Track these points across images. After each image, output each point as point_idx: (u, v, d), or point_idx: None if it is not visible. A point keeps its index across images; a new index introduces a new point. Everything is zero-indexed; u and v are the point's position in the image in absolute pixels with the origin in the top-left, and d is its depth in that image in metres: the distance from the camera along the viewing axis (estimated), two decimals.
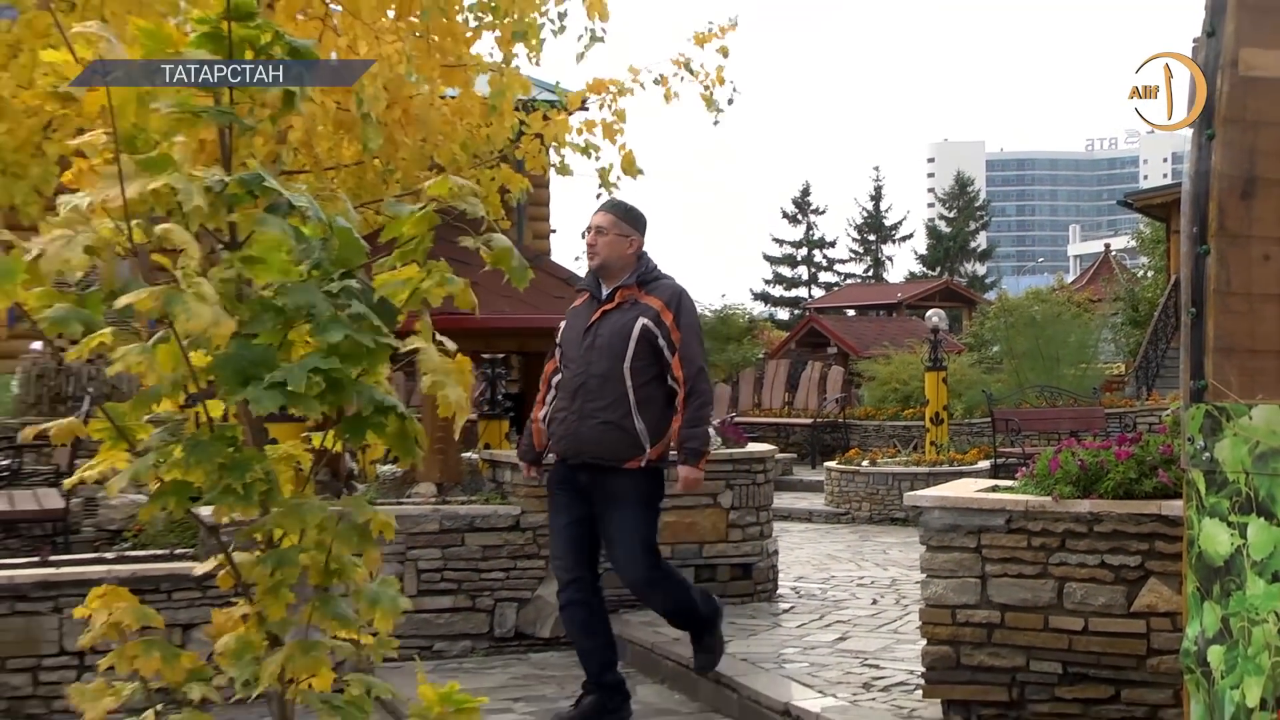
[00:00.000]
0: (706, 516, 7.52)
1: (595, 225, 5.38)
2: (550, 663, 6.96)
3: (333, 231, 2.11)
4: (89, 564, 6.78)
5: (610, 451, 5.19)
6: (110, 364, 1.94)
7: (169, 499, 2.11)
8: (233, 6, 2.01)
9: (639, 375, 5.18)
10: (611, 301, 5.34)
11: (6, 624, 6.02)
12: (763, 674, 5.98)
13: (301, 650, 2.16)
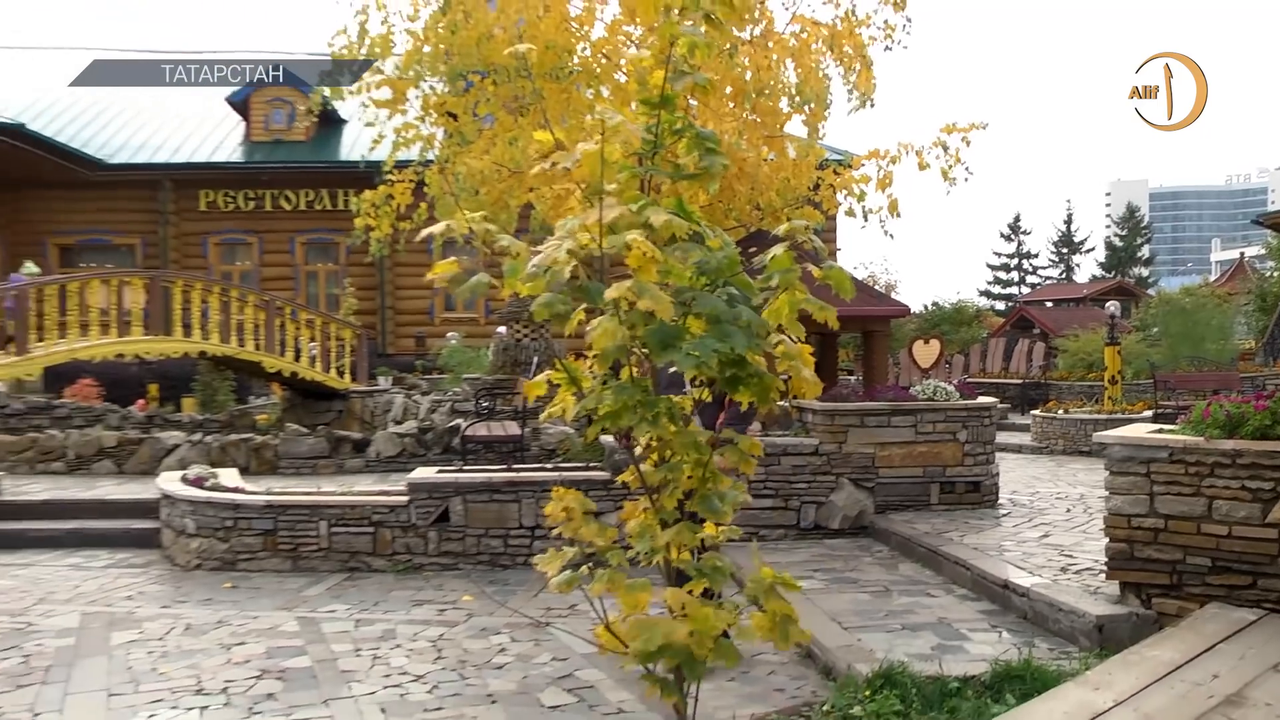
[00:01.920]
0: (948, 448, 10.06)
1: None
2: (838, 546, 9.40)
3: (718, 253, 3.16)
4: (537, 470, 10.02)
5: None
6: (549, 335, 3.10)
7: (602, 425, 3.19)
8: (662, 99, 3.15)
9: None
10: None
11: (486, 508, 9.25)
12: (988, 558, 7.91)
13: (684, 531, 3.25)
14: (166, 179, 31.92)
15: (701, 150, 3.18)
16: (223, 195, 31.87)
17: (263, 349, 19.66)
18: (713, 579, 3.23)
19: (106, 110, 35.12)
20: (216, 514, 9.40)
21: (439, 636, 6.99)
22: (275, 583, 8.79)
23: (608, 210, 3.02)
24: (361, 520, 9.20)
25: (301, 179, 31.66)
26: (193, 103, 35.09)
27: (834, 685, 5.56)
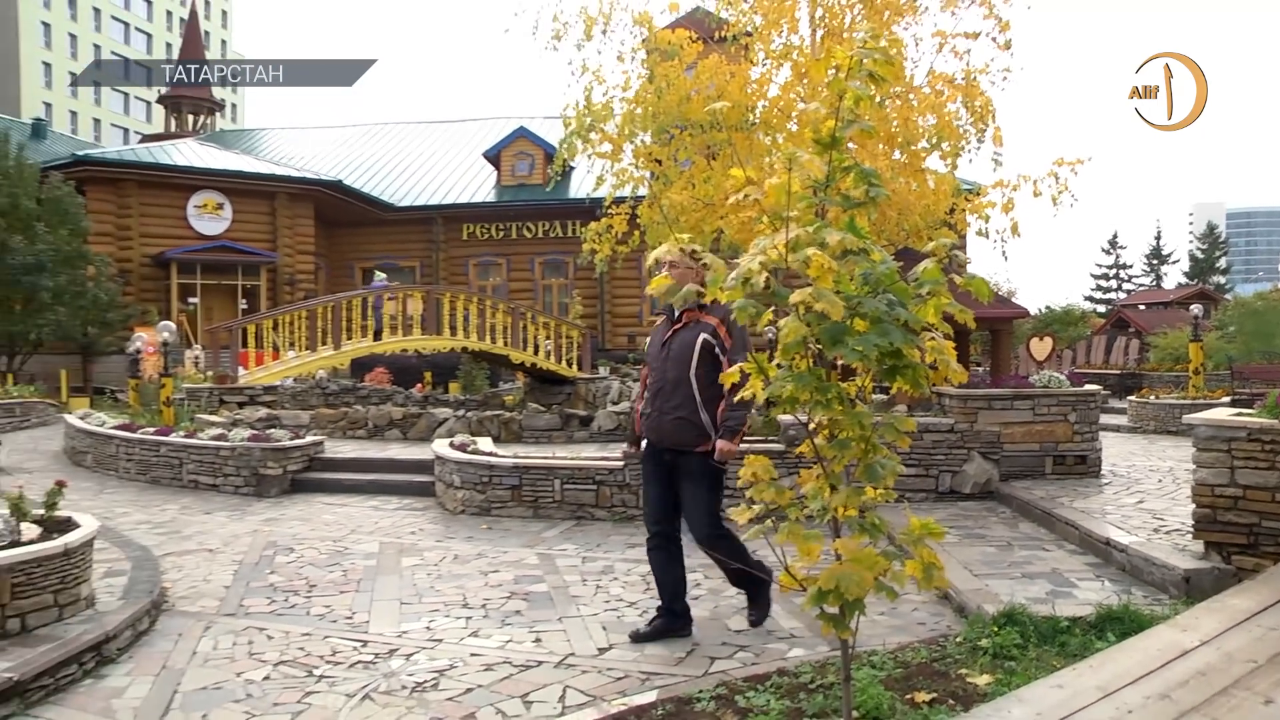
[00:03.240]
0: (1060, 427, 9.63)
1: (669, 262, 5.07)
2: (969, 508, 8.88)
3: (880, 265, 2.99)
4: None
5: (684, 439, 5.20)
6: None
7: (784, 407, 3.09)
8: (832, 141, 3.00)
9: (703, 379, 5.14)
10: (680, 322, 5.34)
11: None
12: (1093, 519, 7.46)
13: (849, 494, 3.10)
14: (438, 216, 33.15)
15: (866, 183, 3.06)
16: (480, 227, 32.88)
17: (510, 345, 19.99)
18: (872, 533, 3.09)
19: (395, 166, 36.55)
20: (476, 472, 9.53)
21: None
22: (520, 526, 8.86)
23: (792, 231, 2.95)
24: (587, 479, 9.20)
25: (539, 213, 32.41)
26: (457, 158, 36.32)
27: (966, 621, 5.34)
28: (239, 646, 5.38)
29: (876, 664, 4.54)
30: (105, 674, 4.95)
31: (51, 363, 24.58)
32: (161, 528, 8.91)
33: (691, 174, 12.43)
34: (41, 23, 75.72)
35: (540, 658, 5.06)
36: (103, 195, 27.43)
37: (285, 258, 29.72)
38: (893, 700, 3.97)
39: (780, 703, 4.08)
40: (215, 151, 32.02)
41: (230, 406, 15.21)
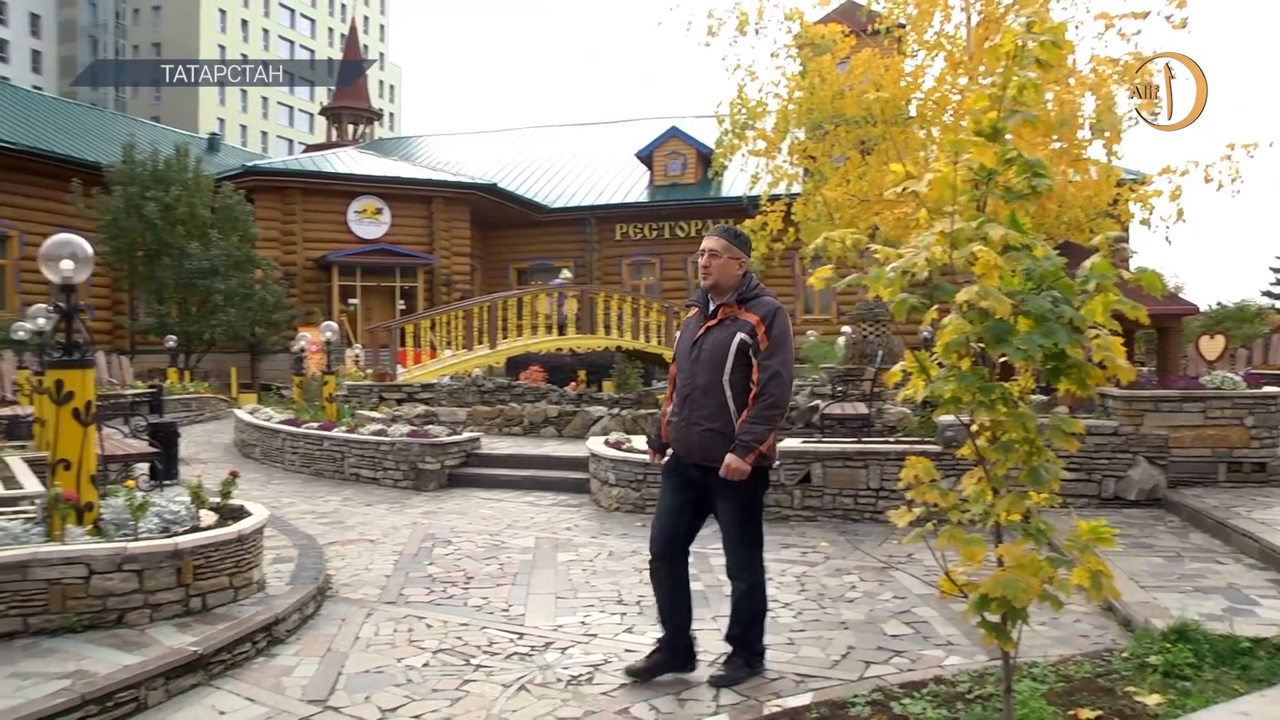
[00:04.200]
0: (1235, 431, 9.01)
1: (709, 249, 4.64)
2: (1134, 516, 8.40)
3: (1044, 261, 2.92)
4: (880, 443, 9.60)
5: (715, 455, 4.50)
6: (890, 332, 2.95)
7: (947, 407, 3.04)
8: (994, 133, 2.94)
9: (737, 386, 4.53)
10: (715, 318, 4.66)
11: (840, 472, 8.93)
12: (1276, 532, 6.94)
13: (1013, 498, 3.03)
14: (592, 216, 33.72)
15: (1030, 175, 2.97)
16: (633, 227, 33.25)
17: (663, 344, 20.13)
18: (1036, 539, 3.01)
19: (548, 168, 37.31)
20: (630, 470, 9.60)
21: (802, 574, 6.88)
22: None
23: (954, 225, 2.90)
24: None
25: (692, 212, 32.63)
26: (609, 159, 36.81)
27: (1132, 636, 5.08)
28: (399, 633, 5.58)
29: (1038, 677, 4.40)
30: (275, 653, 5.23)
31: (223, 360, 25.99)
32: (325, 518, 9.31)
33: (846, 170, 12.33)
34: (218, 45, 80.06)
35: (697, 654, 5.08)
36: (270, 203, 28.80)
37: (442, 259, 30.61)
38: (1055, 715, 3.84)
39: (937, 711, 4.00)
40: (374, 159, 33.24)
41: (389, 403, 15.77)
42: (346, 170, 30.62)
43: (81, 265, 5.92)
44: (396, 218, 30.29)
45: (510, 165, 37.82)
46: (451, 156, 39.62)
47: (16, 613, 5.00)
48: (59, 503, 5.48)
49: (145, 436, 11.14)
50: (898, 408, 12.54)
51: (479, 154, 39.88)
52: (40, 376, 11.31)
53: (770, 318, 4.54)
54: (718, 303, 4.64)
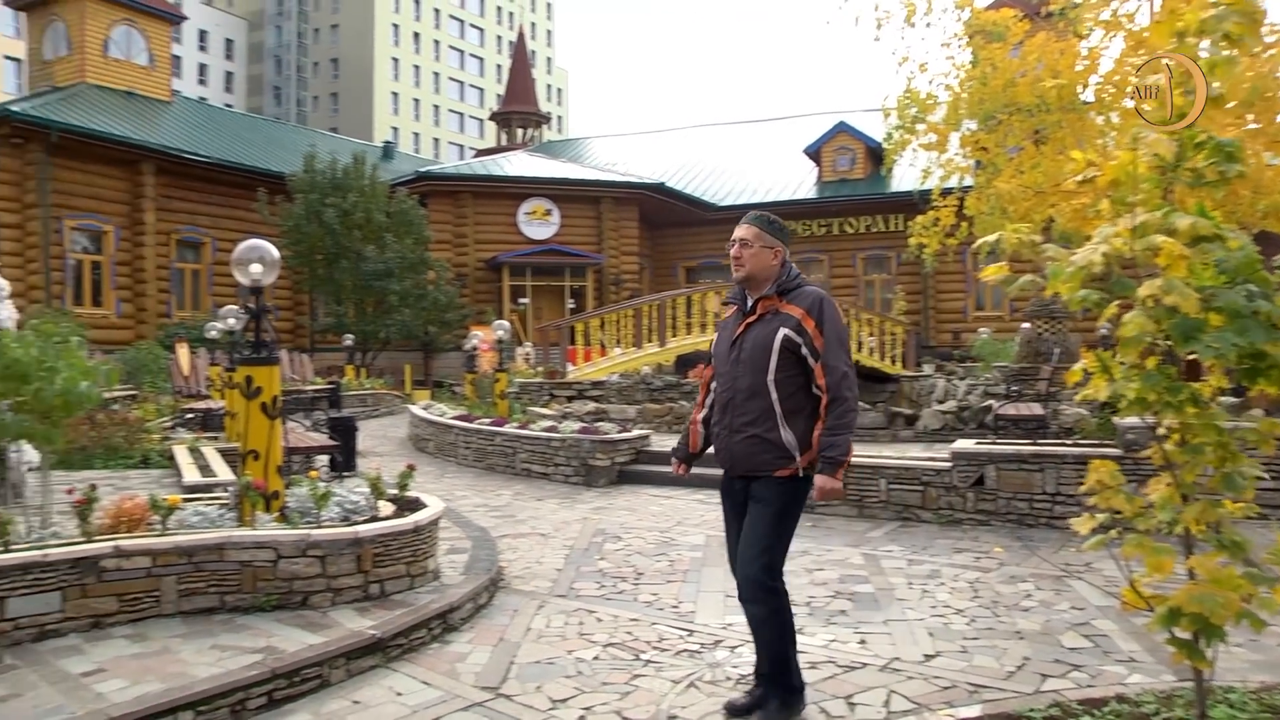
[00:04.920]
0: None
1: (740, 238, 4.20)
2: None
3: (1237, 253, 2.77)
4: (1057, 445, 9.20)
5: (758, 463, 4.09)
6: (1067, 330, 2.84)
7: (1132, 409, 2.92)
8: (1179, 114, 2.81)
9: (784, 387, 4.06)
10: (754, 314, 4.19)
11: (1014, 475, 8.58)
12: None
13: (1203, 506, 2.89)
14: None
15: (1221, 159, 2.82)
16: (801, 224, 33.00)
17: None
18: (1232, 552, 2.85)
19: (716, 166, 37.43)
20: None
21: (975, 579, 6.70)
22: (844, 525, 8.80)
23: (1137, 217, 2.79)
24: (913, 480, 9.01)
25: (861, 208, 32.26)
26: (777, 155, 36.66)
27: None
28: (570, 626, 5.69)
29: (1235, 704, 4.08)
30: (450, 640, 5.41)
31: (397, 358, 27.10)
32: (497, 511, 9.58)
33: (1019, 161, 11.91)
34: (391, 59, 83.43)
35: (865, 659, 5.02)
36: (442, 206, 29.78)
37: (610, 259, 31.05)
38: None
39: None
40: (543, 161, 33.99)
41: (560, 400, 16.10)
42: (516, 173, 31.39)
43: (269, 269, 6.26)
44: (566, 218, 30.88)
45: (678, 164, 38.09)
46: (619, 157, 40.15)
47: (215, 590, 5.39)
48: (249, 491, 5.83)
49: (325, 430, 11.70)
50: (1074, 409, 12.10)
51: (646, 154, 40.33)
52: (231, 373, 12.05)
53: (817, 309, 4.09)
54: (755, 296, 4.19)
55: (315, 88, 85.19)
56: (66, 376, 5.97)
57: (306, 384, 19.68)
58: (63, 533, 5.57)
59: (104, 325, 24.08)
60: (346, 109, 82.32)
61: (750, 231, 4.16)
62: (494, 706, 4.43)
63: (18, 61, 52.93)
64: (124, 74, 29.77)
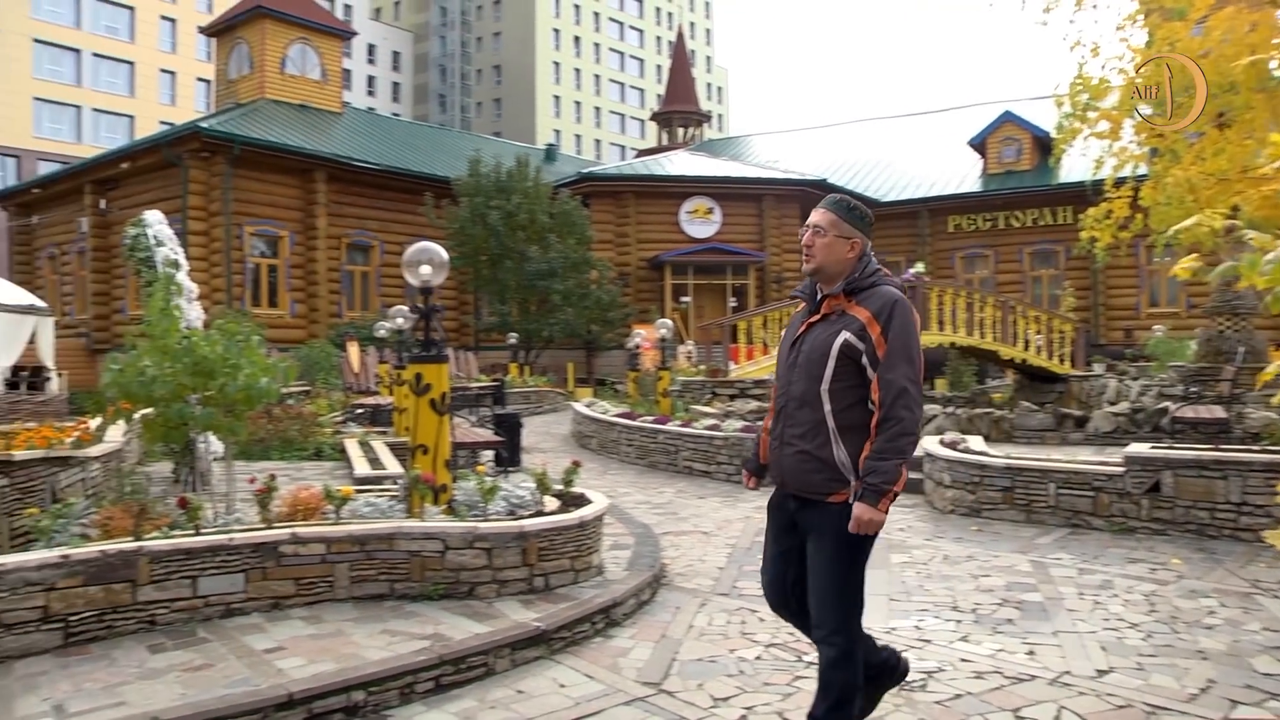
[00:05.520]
0: None
1: (813, 224, 3.73)
2: None
3: None
4: (1243, 451, 8.55)
5: (810, 483, 3.61)
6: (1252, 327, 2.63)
7: None
8: None
9: (839, 398, 3.57)
10: (817, 313, 3.72)
11: (1194, 482, 8.04)
12: None
13: None
14: (923, 209, 33.14)
15: None
16: (965, 218, 32.31)
17: (998, 340, 19.32)
18: None
19: (878, 161, 36.89)
20: (966, 471, 9.26)
21: (1151, 592, 6.34)
22: (1011, 530, 8.48)
23: None
24: (1083, 485, 8.60)
25: (1028, 201, 31.34)
26: (940, 148, 35.86)
27: None
28: (732, 625, 5.65)
29: None
30: (612, 635, 5.45)
31: (559, 356, 27.59)
32: (659, 508, 9.61)
33: (1201, 146, 11.23)
34: (553, 63, 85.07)
35: (1033, 671, 4.81)
36: (604, 207, 30.15)
37: (772, 257, 30.87)
38: None
39: None
40: (704, 160, 34.04)
41: (721, 399, 16.09)
42: (677, 172, 31.53)
43: (438, 270, 6.44)
44: (727, 216, 30.85)
45: (839, 160, 37.66)
46: (780, 154, 39.93)
47: (385, 578, 5.59)
48: (418, 484, 6.00)
49: (491, 426, 11.97)
50: (1263, 412, 11.34)
51: (808, 150, 40.03)
52: (399, 370, 12.46)
53: (886, 312, 3.55)
54: (825, 292, 3.72)
55: (479, 94, 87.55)
56: (248, 373, 6.28)
57: (472, 381, 20.24)
58: (245, 519, 5.88)
59: (279, 325, 25.32)
60: (509, 114, 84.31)
61: (825, 218, 3.72)
62: (655, 702, 4.43)
63: (207, 82, 56.50)
64: (299, 89, 31.36)
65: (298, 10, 31.74)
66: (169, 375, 6.28)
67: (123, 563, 4.99)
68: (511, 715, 4.29)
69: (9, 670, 4.53)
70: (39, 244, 32.92)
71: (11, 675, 4.47)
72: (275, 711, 4.04)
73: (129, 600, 4.99)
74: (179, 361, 6.30)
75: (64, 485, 6.86)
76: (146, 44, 58.36)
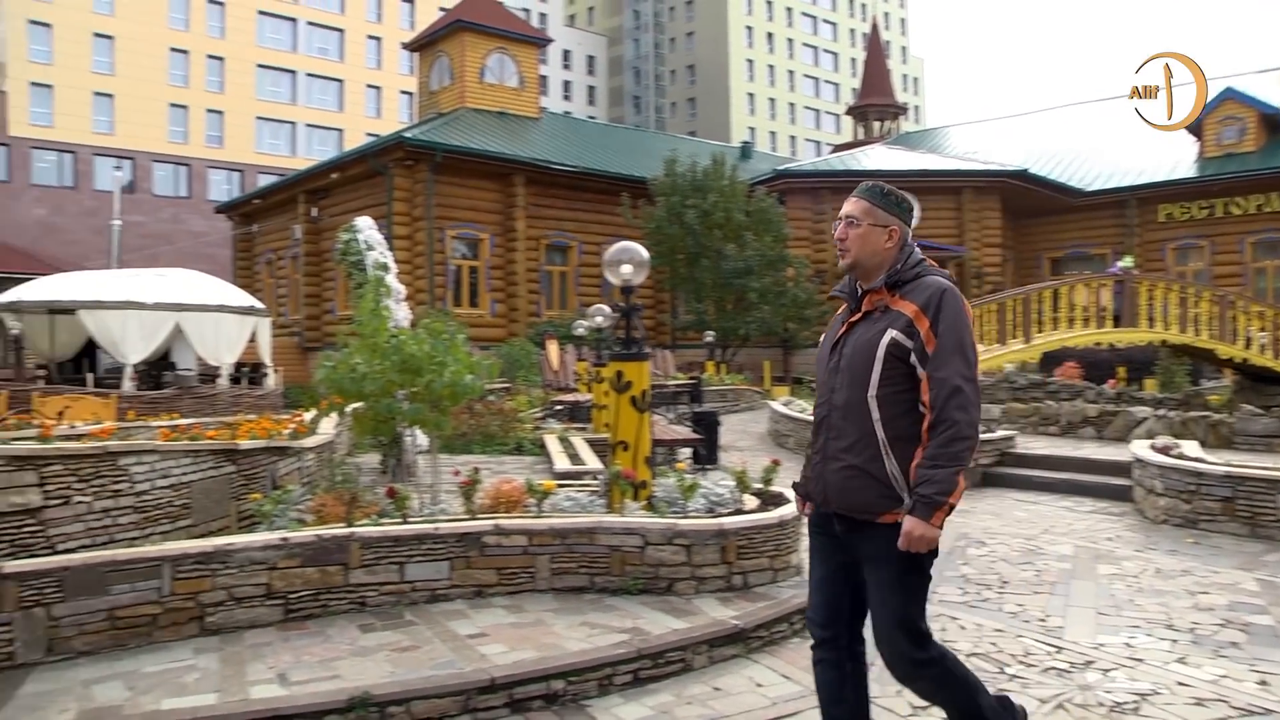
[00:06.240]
0: None
1: (845, 214, 3.32)
2: None
3: None
4: None
5: (859, 503, 3.19)
6: None
7: None
8: None
9: (889, 404, 3.16)
10: (858, 311, 3.31)
11: None
12: None
13: None
14: (1131, 198, 31.35)
15: None
16: (1178, 207, 30.45)
17: (1215, 338, 18.14)
18: None
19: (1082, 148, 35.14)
20: (1181, 479, 8.70)
21: None
22: (1233, 544, 7.90)
23: None
24: None
25: (1250, 186, 29.21)
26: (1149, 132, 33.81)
27: None
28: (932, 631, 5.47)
29: None
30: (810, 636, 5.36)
31: (755, 354, 27.53)
32: None
33: None
34: (746, 60, 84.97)
35: (1266, 704, 4.43)
36: (800, 204, 29.86)
37: (972, 251, 29.91)
38: None
39: None
40: (900, 153, 33.30)
41: None
42: (873, 167, 30.92)
43: (639, 269, 6.52)
44: (925, 211, 29.88)
45: (1040, 149, 36.01)
46: (978, 145, 38.57)
47: (585, 572, 5.70)
48: (619, 479, 6.08)
49: (688, 424, 12.03)
50: None
51: (1007, 140, 38.47)
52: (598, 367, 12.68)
53: (934, 303, 3.16)
54: (865, 288, 3.33)
55: (673, 94, 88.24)
56: (454, 370, 6.51)
57: (668, 379, 20.40)
58: (449, 510, 6.10)
59: (479, 324, 26.14)
60: (704, 112, 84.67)
61: (858, 206, 3.33)
62: None
63: (409, 95, 59.90)
64: (497, 96, 32.36)
65: (495, 21, 32.76)
66: (379, 372, 6.58)
67: (336, 547, 5.28)
68: (708, 712, 4.29)
69: (239, 639, 4.92)
70: (258, 250, 35.11)
71: (242, 643, 4.85)
72: (477, 694, 4.18)
73: (341, 582, 5.29)
74: (388, 359, 6.60)
75: (283, 473, 7.27)
76: (355, 62, 61.83)
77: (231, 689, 4.22)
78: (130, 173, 49.57)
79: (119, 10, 52.29)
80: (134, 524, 5.48)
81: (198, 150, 54.58)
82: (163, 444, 5.90)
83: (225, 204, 38.95)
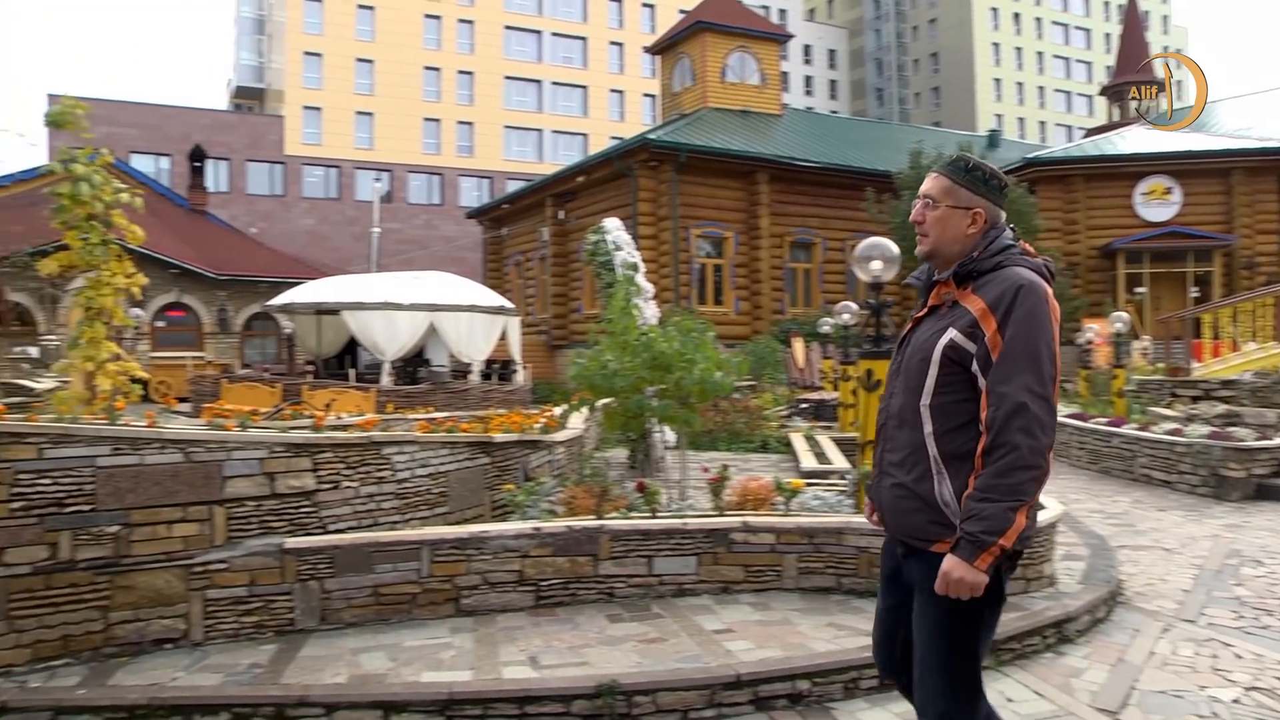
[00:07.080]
0: None
1: (923, 194, 2.78)
2: None
3: None
4: None
5: (908, 527, 2.69)
6: None
7: None
8: None
9: (945, 416, 2.62)
10: (924, 307, 2.80)
11: None
12: None
13: None
14: None
15: None
16: None
17: None
18: None
19: None
20: None
21: None
22: None
23: None
24: None
25: None
26: None
27: None
28: (1200, 658, 5.12)
29: None
30: (1063, 651, 5.14)
31: None
32: (1114, 519, 8.96)
33: None
34: (992, 44, 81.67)
35: None
36: (1051, 192, 28.46)
37: (1243, 239, 27.69)
38: None
39: None
40: (1160, 134, 31.15)
41: (1183, 400, 14.71)
42: (1130, 150, 29.13)
43: (889, 265, 6.44)
44: (1188, 196, 28.06)
45: None
46: (1252, 120, 35.42)
47: (831, 572, 5.70)
48: (867, 479, 6.00)
49: None
50: None
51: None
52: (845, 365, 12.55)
53: (1006, 300, 2.60)
54: (939, 277, 2.84)
55: (916, 84, 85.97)
56: (703, 368, 6.61)
57: None
58: (696, 506, 6.20)
59: (724, 322, 26.32)
60: (949, 101, 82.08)
61: (937, 185, 2.83)
62: None
63: (652, 97, 61.80)
64: (739, 95, 32.50)
65: (735, 20, 32.88)
66: (629, 369, 6.76)
67: (586, 538, 5.49)
68: None
69: (492, 621, 5.22)
70: (507, 252, 36.67)
71: (495, 626, 5.14)
72: (723, 690, 4.24)
73: (590, 572, 5.49)
74: (638, 356, 6.77)
75: (534, 465, 7.57)
76: (598, 69, 63.87)
77: (485, 668, 4.47)
78: (388, 184, 53.91)
79: (379, 36, 56.70)
80: (395, 509, 5.85)
81: (449, 160, 58.29)
82: (422, 435, 6.25)
83: (476, 210, 40.88)
